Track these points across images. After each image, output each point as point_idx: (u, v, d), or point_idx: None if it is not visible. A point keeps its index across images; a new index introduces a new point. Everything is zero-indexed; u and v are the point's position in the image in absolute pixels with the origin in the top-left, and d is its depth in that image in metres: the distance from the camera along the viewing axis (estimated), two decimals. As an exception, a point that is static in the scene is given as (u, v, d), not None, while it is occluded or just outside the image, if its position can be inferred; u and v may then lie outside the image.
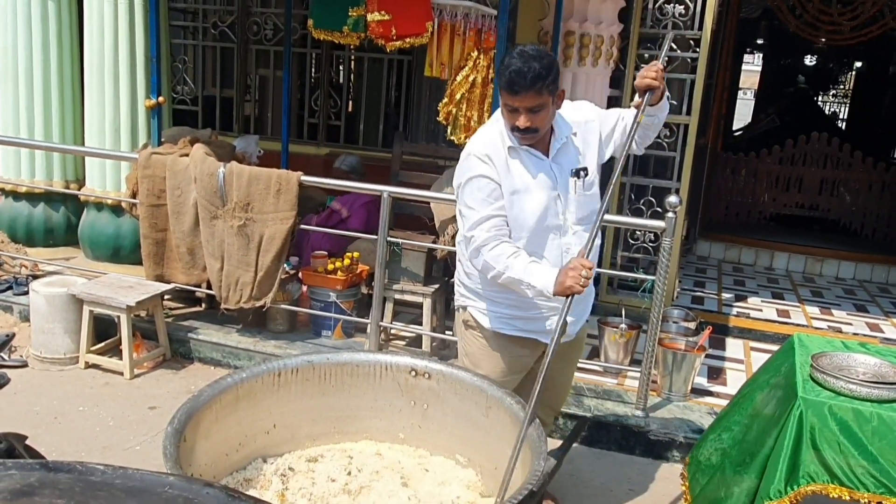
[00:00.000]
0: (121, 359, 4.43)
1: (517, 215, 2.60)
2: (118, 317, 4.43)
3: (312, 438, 2.81)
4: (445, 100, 4.27)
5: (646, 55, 5.52)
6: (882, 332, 5.85)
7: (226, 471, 2.57)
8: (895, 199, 8.29)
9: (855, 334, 5.65)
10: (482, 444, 2.67)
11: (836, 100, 17.01)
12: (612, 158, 2.83)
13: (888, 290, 7.42)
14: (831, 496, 2.42)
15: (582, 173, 2.64)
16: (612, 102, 5.67)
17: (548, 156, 2.63)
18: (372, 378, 2.81)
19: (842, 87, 16.25)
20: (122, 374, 4.42)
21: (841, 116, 16.07)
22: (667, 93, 2.63)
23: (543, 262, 2.61)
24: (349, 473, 2.71)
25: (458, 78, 4.18)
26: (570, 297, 2.45)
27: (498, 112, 2.66)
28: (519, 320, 2.79)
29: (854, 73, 14.11)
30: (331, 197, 5.74)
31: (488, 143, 2.62)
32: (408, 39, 4.15)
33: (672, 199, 3.77)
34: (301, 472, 2.69)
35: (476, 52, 4.17)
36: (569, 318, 2.71)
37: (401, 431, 2.84)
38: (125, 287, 4.57)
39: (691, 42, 5.54)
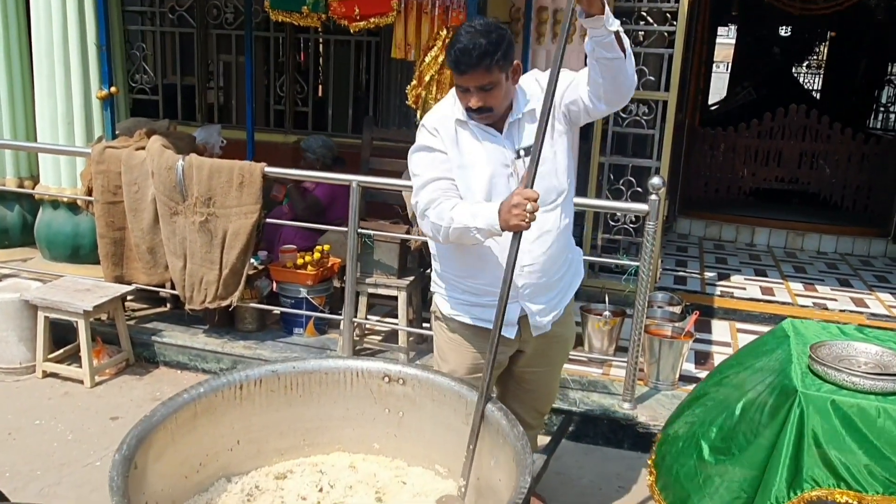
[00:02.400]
0: (80, 366, 4.20)
1: (464, 191, 2.45)
2: (76, 322, 4.19)
3: (280, 453, 2.63)
4: (414, 82, 4.05)
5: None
6: (867, 307, 5.74)
7: (186, 494, 2.38)
8: (874, 171, 8.19)
9: (841, 311, 5.54)
10: (463, 454, 2.48)
11: (810, 71, 16.93)
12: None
13: (870, 262, 7.33)
14: (838, 501, 2.27)
15: (519, 153, 2.44)
16: (588, 80, 5.47)
17: (501, 132, 2.45)
18: (342, 386, 2.63)
19: (815, 57, 16.17)
20: (82, 382, 4.19)
21: (814, 87, 16.00)
22: (613, 23, 2.16)
23: (486, 204, 2.37)
24: (321, 490, 2.54)
25: (427, 59, 3.96)
26: (518, 239, 2.24)
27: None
28: (476, 307, 2.60)
29: (828, 43, 14.00)
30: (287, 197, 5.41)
31: (440, 116, 2.51)
32: (372, 20, 3.92)
33: (655, 180, 3.60)
34: (269, 491, 2.51)
35: (445, 31, 3.94)
36: (533, 307, 2.57)
37: (375, 441, 2.67)
38: (82, 290, 4.32)
39: (668, 15, 5.35)
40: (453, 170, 2.45)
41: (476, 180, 2.44)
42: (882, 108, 13.58)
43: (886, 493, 2.18)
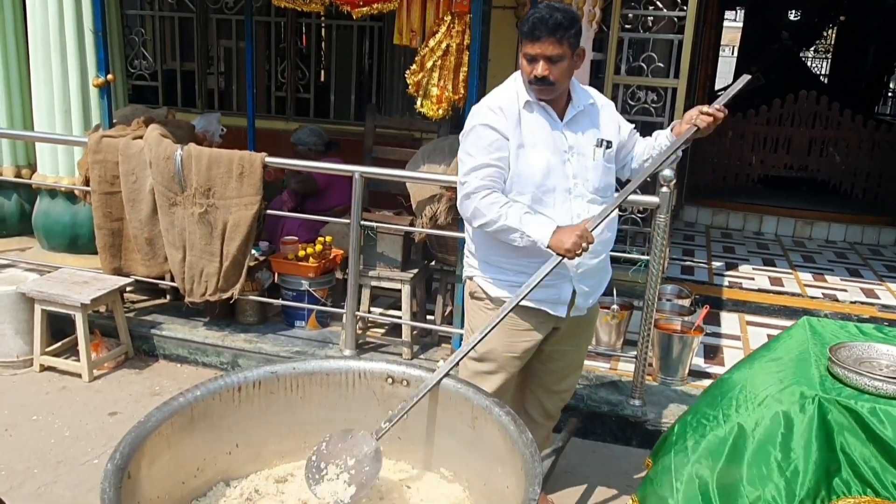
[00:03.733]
0: (79, 360, 4.12)
1: (522, 169, 2.54)
2: (74, 315, 4.11)
3: (280, 456, 2.56)
4: (414, 67, 3.94)
5: (629, 15, 5.20)
6: (878, 298, 5.64)
7: (183, 501, 2.31)
8: (885, 158, 8.06)
9: (852, 302, 5.44)
10: (469, 458, 2.42)
11: (818, 55, 16.73)
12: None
13: (879, 251, 7.23)
14: (854, 504, 2.19)
15: (605, 143, 2.63)
16: (596, 66, 5.36)
17: (562, 119, 2.59)
18: (344, 387, 2.55)
19: (823, 42, 15.96)
20: (80, 376, 4.11)
21: (822, 72, 15.80)
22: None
23: (537, 215, 2.54)
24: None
25: (431, 44, 3.84)
26: (557, 261, 2.43)
27: (516, 73, 2.64)
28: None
29: (836, 27, 13.80)
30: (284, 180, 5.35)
31: (503, 96, 2.60)
32: (375, 5, 3.81)
33: (666, 172, 3.49)
34: (268, 495, 2.44)
35: (450, 17, 3.83)
36: (584, 287, 2.68)
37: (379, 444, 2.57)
38: (80, 282, 4.24)
39: (678, 0, 5.21)
40: (511, 150, 2.53)
41: (535, 162, 2.54)
42: (891, 94, 13.42)
43: (911, 500, 2.11)
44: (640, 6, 5.21)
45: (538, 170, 2.54)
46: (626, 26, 5.23)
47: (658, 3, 5.17)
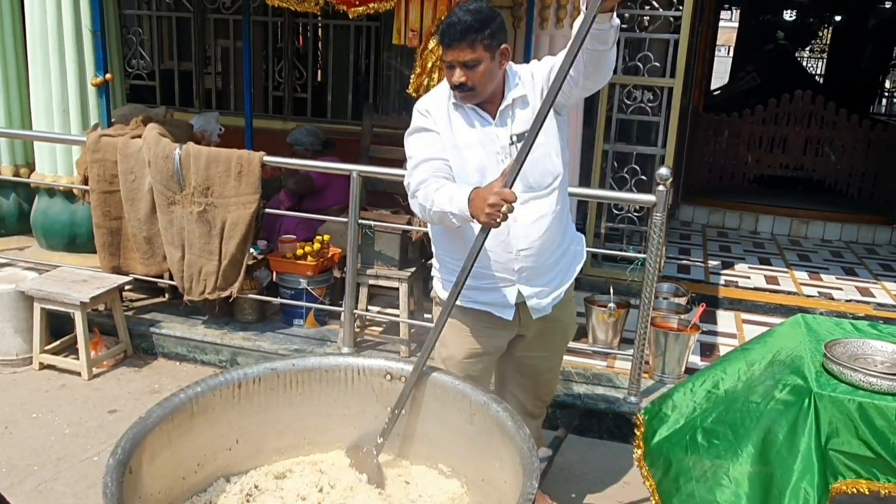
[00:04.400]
0: (78, 358, 4.14)
1: (457, 171, 2.46)
2: (73, 313, 4.13)
3: (280, 452, 2.57)
4: (417, 70, 3.95)
5: (625, 14, 5.22)
6: (873, 296, 5.67)
7: (183, 496, 2.32)
8: (881, 158, 8.10)
9: (847, 301, 5.47)
10: (467, 453, 2.44)
11: (813, 55, 16.77)
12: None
13: (875, 250, 7.26)
14: (850, 492, 2.22)
15: (513, 138, 2.46)
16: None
17: (494, 117, 2.47)
18: (343, 384, 2.56)
19: (819, 42, 16.00)
20: (79, 374, 4.13)
21: (817, 72, 15.84)
22: (615, 20, 2.19)
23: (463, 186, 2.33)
24: (321, 490, 2.48)
25: (430, 45, 3.86)
26: (486, 232, 2.24)
27: None
28: (472, 290, 2.57)
29: (831, 27, 13.84)
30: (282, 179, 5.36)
31: (432, 98, 2.54)
32: (371, 5, 3.82)
33: (663, 171, 3.52)
34: (268, 491, 2.45)
35: (447, 17, 3.84)
36: (531, 290, 2.57)
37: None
38: (79, 281, 4.25)
39: (673, 0, 5.25)
40: (447, 150, 2.46)
41: (469, 162, 2.46)
42: (886, 94, 13.46)
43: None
44: (636, 6, 5.23)
45: (473, 169, 2.45)
46: (623, 26, 5.24)
47: (654, 2, 5.19)
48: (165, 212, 4.22)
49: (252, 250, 4.30)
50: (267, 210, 4.31)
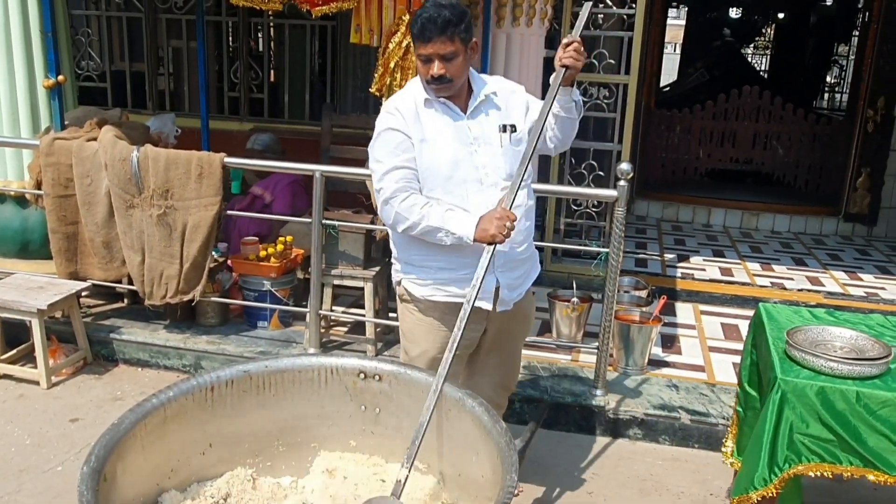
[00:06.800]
0: (36, 367, 4.04)
1: (428, 163, 2.53)
2: (29, 321, 4.03)
3: (254, 454, 2.55)
4: (380, 70, 3.95)
5: (579, 100, 5.28)
6: (823, 285, 5.85)
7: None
8: (825, 151, 8.34)
9: (799, 290, 5.64)
10: (442, 449, 2.45)
11: (758, 52, 17.18)
12: None
13: (822, 241, 7.48)
14: (812, 474, 2.30)
15: (510, 128, 2.59)
16: (548, 63, 5.45)
17: (465, 112, 2.57)
18: (316, 384, 2.56)
19: (762, 38, 16.41)
20: (38, 383, 4.03)
21: (762, 68, 16.24)
22: (577, 95, 2.56)
23: (458, 210, 2.51)
24: (297, 490, 2.49)
25: (391, 46, 3.87)
26: (492, 250, 2.40)
27: (415, 78, 2.64)
28: (451, 284, 2.63)
29: (775, 24, 14.21)
30: (236, 172, 5.32)
31: (399, 98, 2.61)
32: (334, 4, 3.81)
33: (624, 166, 3.58)
34: (244, 493, 2.43)
35: (407, 16, 3.85)
36: (505, 279, 2.66)
37: (352, 439, 2.60)
38: (35, 288, 4.15)
39: (627, -3, 5.33)
40: (415, 146, 2.51)
41: (440, 155, 2.52)
42: (828, 89, 13.86)
43: (863, 465, 2.23)
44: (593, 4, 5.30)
45: (444, 162, 2.52)
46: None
47: (607, 0, 5.27)
48: (124, 215, 4.15)
49: (213, 253, 4.26)
50: (228, 212, 4.27)
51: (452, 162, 2.52)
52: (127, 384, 4.13)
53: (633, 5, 5.18)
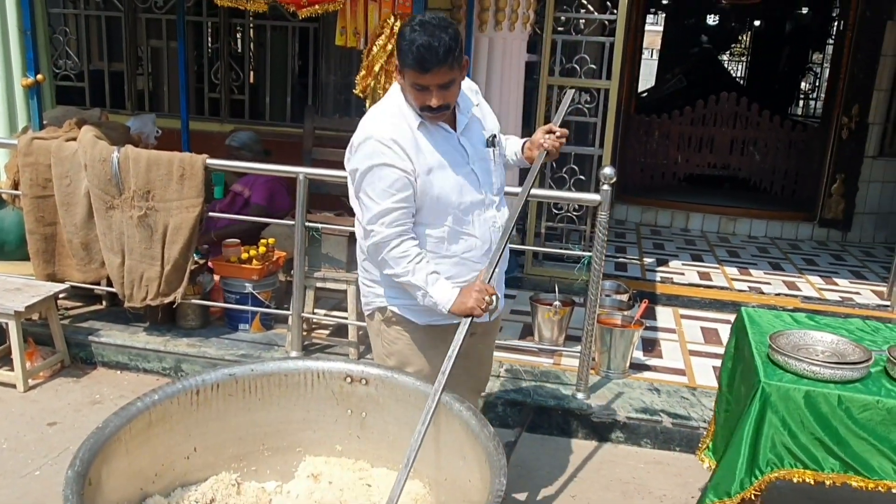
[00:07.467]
0: (12, 370, 3.98)
1: (439, 194, 2.39)
2: (6, 324, 3.97)
3: (239, 459, 2.54)
4: (363, 72, 3.95)
5: (562, 17, 5.32)
6: (800, 290, 5.93)
7: (142, 507, 2.26)
8: (801, 157, 8.46)
9: (777, 294, 5.70)
10: (429, 454, 2.44)
11: (734, 58, 17.38)
12: None
13: (798, 246, 7.58)
14: (795, 480, 2.33)
15: (494, 140, 2.54)
16: (530, 68, 5.48)
17: (455, 129, 2.45)
18: (302, 387, 2.54)
19: (739, 45, 16.60)
20: (14, 386, 3.97)
21: (739, 74, 16.43)
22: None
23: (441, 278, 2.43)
24: (282, 494, 2.47)
25: (375, 48, 3.87)
26: (468, 322, 2.37)
27: (394, 88, 2.44)
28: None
29: (752, 31, 14.39)
30: (219, 177, 5.28)
31: (391, 124, 2.36)
32: (318, 6, 3.80)
33: (607, 170, 3.61)
34: (228, 498, 2.42)
35: (392, 18, 3.86)
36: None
37: (338, 443, 2.60)
38: (11, 290, 4.09)
39: (608, 3, 5.37)
40: (421, 178, 2.35)
41: (447, 183, 2.40)
42: (803, 96, 14.06)
43: (843, 472, 2.26)
44: (572, 9, 5.34)
45: (453, 189, 2.40)
46: (559, 29, 5.36)
47: (589, 6, 5.31)
48: (104, 217, 4.10)
49: (194, 256, 4.22)
50: (211, 214, 4.24)
51: (459, 187, 2.41)
52: (106, 387, 4.08)
53: (615, 11, 5.22)
